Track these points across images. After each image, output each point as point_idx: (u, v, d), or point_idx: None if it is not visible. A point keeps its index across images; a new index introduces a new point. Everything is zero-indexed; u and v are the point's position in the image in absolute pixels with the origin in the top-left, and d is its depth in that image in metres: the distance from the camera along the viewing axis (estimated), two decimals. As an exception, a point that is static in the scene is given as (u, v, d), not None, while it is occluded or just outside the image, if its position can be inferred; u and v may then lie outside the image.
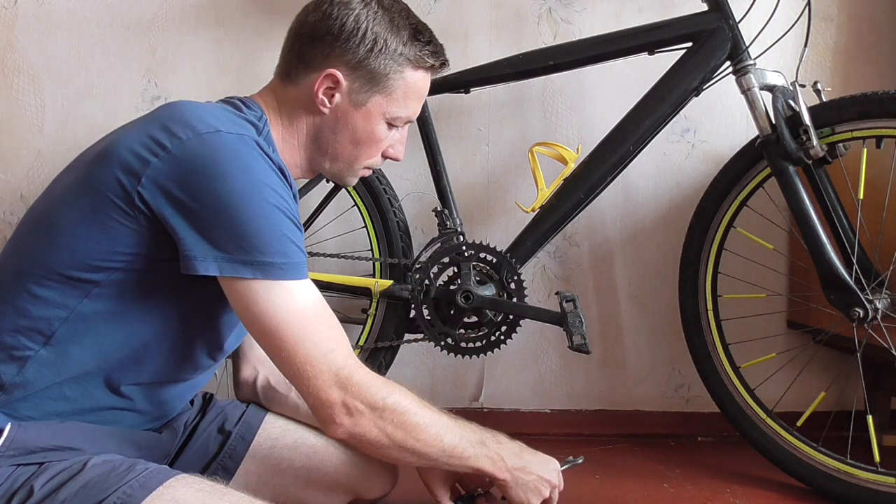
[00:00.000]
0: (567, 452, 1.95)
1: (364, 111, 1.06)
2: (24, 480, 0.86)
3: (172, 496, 0.85)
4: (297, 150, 1.08)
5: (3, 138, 2.00)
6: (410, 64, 1.06)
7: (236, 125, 0.96)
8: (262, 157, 0.93)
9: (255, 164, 0.92)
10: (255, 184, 0.90)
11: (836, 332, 1.73)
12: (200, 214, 0.88)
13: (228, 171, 0.89)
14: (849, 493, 1.59)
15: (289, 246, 0.92)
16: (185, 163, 0.89)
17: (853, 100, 1.56)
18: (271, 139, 1.04)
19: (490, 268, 1.71)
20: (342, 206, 1.93)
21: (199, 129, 0.92)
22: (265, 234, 0.90)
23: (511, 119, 2.05)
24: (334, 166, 1.10)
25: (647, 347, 2.11)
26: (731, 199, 1.74)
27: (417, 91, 1.09)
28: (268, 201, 0.91)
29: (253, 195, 0.90)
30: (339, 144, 1.08)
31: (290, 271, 0.92)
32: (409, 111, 1.09)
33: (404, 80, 1.06)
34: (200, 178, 0.89)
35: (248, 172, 0.90)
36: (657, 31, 1.69)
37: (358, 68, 1.04)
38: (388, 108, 1.07)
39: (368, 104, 1.06)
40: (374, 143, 1.09)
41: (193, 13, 2.00)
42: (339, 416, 0.94)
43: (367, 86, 1.05)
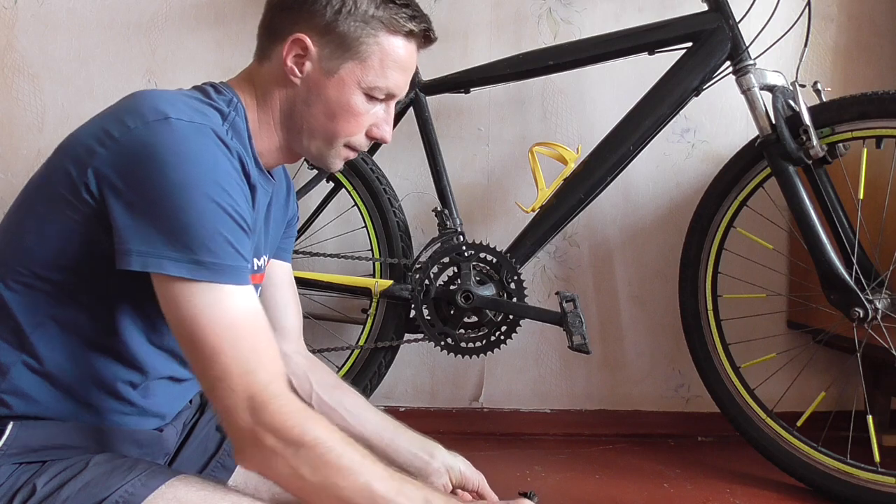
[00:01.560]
0: (567, 452, 1.97)
1: (336, 79, 0.98)
2: (26, 479, 0.86)
3: (174, 495, 0.85)
4: (274, 129, 1.02)
5: (3, 138, 2.00)
6: (385, 28, 0.98)
7: (193, 112, 0.90)
8: (215, 146, 0.87)
9: (202, 154, 0.86)
10: (197, 175, 0.84)
11: (836, 332, 1.73)
12: (135, 205, 0.83)
13: (168, 160, 0.84)
14: (849, 493, 1.59)
15: (223, 246, 0.84)
16: (128, 152, 0.85)
17: (853, 100, 1.56)
18: (239, 126, 0.97)
19: (490, 268, 1.71)
20: (342, 206, 1.93)
21: (148, 117, 0.87)
22: (197, 230, 0.83)
23: (511, 119, 2.05)
24: (312, 144, 1.02)
25: (647, 347, 2.11)
26: (731, 199, 1.74)
27: (397, 60, 0.99)
28: (207, 195, 0.84)
29: (191, 187, 0.83)
30: (313, 118, 1.00)
31: (220, 273, 0.84)
32: (389, 82, 1.00)
33: (379, 45, 0.98)
34: (140, 168, 0.84)
35: (190, 162, 0.84)
36: (657, 31, 1.69)
37: (327, 32, 0.97)
38: (363, 77, 0.98)
39: (341, 71, 0.98)
40: (351, 115, 1.00)
41: (193, 13, 2.00)
42: (247, 446, 0.83)
43: (337, 51, 0.98)
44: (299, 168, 1.91)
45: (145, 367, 0.95)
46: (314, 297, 1.86)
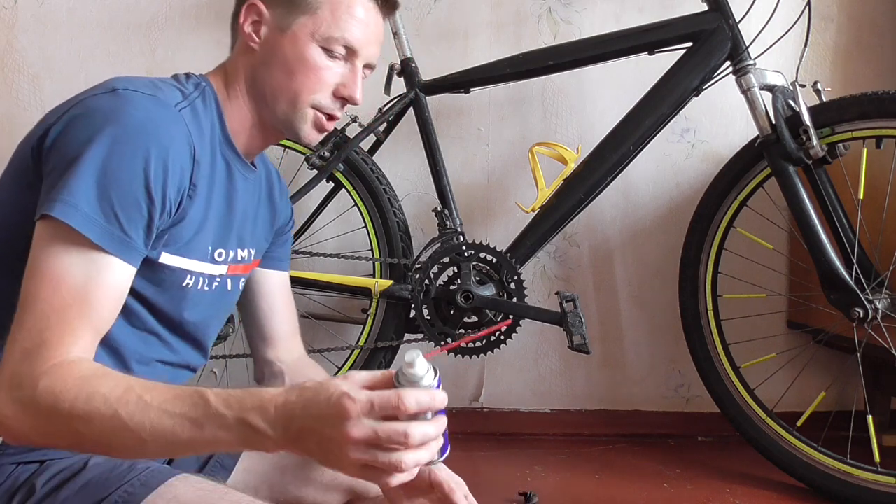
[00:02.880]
0: (567, 452, 1.97)
1: (290, 35, 0.99)
2: (25, 479, 0.86)
3: (174, 495, 0.84)
4: (245, 105, 1.02)
5: (3, 138, 2.00)
6: None
7: (148, 87, 0.91)
8: (154, 111, 0.87)
9: (133, 115, 0.85)
10: (116, 133, 0.84)
11: (836, 332, 1.73)
12: (56, 159, 0.85)
13: (98, 118, 0.85)
14: (849, 493, 1.59)
15: (107, 210, 0.82)
16: (72, 118, 0.88)
17: (853, 100, 1.56)
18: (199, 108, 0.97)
19: (490, 268, 1.71)
20: (342, 206, 1.93)
21: (99, 90, 0.90)
22: (89, 183, 0.82)
23: (511, 119, 2.05)
24: (279, 108, 1.01)
25: (647, 347, 2.11)
26: (731, 199, 1.75)
27: (348, 9, 0.99)
28: (118, 154, 0.83)
29: (104, 144, 0.83)
30: (273, 79, 1.00)
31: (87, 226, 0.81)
32: (344, 32, 0.99)
33: None
34: (74, 128, 0.86)
35: (116, 121, 0.85)
36: (657, 31, 1.69)
37: None
38: (315, 28, 0.98)
39: (293, 27, 0.99)
40: (309, 69, 0.99)
41: (193, 13, 2.00)
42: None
43: (288, 8, 0.99)
44: (299, 168, 1.91)
45: (122, 351, 0.94)
46: (314, 297, 1.86)
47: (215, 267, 1.01)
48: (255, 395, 0.74)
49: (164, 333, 0.99)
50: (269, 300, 1.18)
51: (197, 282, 0.98)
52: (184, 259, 0.95)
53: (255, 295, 1.16)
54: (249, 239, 1.08)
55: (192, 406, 0.74)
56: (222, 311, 1.09)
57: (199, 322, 1.03)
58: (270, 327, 1.18)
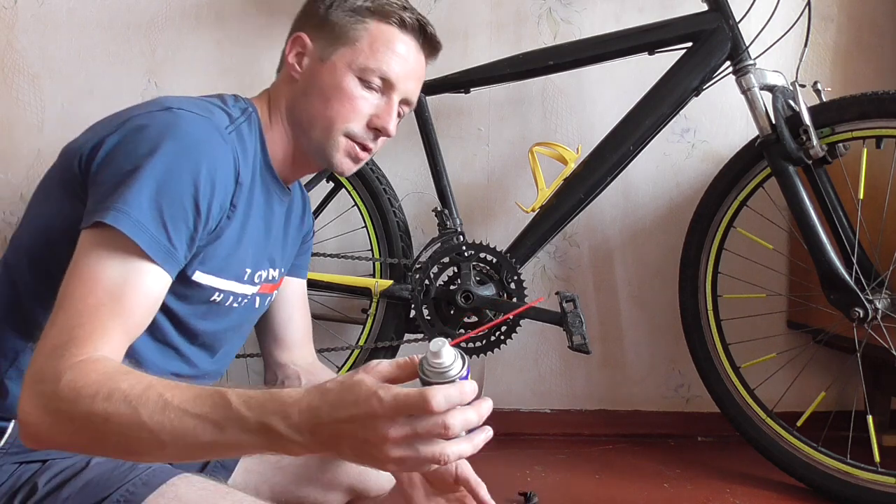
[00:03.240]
0: (567, 452, 1.97)
1: (329, 64, 1.03)
2: (27, 478, 0.86)
3: (175, 494, 0.84)
4: (285, 132, 1.05)
5: (3, 138, 2.00)
6: (373, 15, 1.03)
7: (199, 108, 0.93)
8: (206, 133, 0.90)
9: (188, 135, 0.88)
10: (173, 150, 0.86)
11: (836, 332, 1.74)
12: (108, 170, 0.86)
13: (153, 136, 0.87)
14: (849, 493, 1.59)
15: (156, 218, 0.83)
16: (126, 133, 0.89)
17: (853, 100, 1.56)
18: (245, 133, 0.99)
19: (490, 268, 1.71)
20: (342, 206, 1.93)
21: (152, 108, 0.92)
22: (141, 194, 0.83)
23: (511, 119, 2.05)
24: (314, 136, 1.03)
25: (647, 347, 2.11)
26: (731, 199, 1.75)
27: (387, 43, 1.03)
28: (170, 170, 0.85)
29: (157, 159, 0.85)
30: (311, 106, 1.03)
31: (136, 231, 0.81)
32: (380, 63, 1.02)
33: (368, 31, 1.03)
34: (126, 143, 0.88)
35: (174, 140, 0.86)
36: (657, 31, 1.69)
37: (321, 27, 1.04)
38: (353, 59, 1.02)
39: (333, 57, 1.03)
40: (346, 98, 1.02)
41: (193, 13, 2.00)
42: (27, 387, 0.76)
43: (330, 40, 1.03)
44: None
45: (142, 361, 0.94)
46: (314, 297, 1.85)
47: (250, 287, 1.04)
48: (276, 398, 0.70)
49: (182, 345, 1.00)
50: (286, 307, 1.20)
51: (227, 299, 1.00)
52: (217, 279, 0.97)
53: (274, 301, 1.18)
54: (279, 259, 1.11)
55: (213, 407, 0.71)
56: (246, 324, 1.11)
57: (216, 332, 1.04)
58: (286, 333, 1.19)
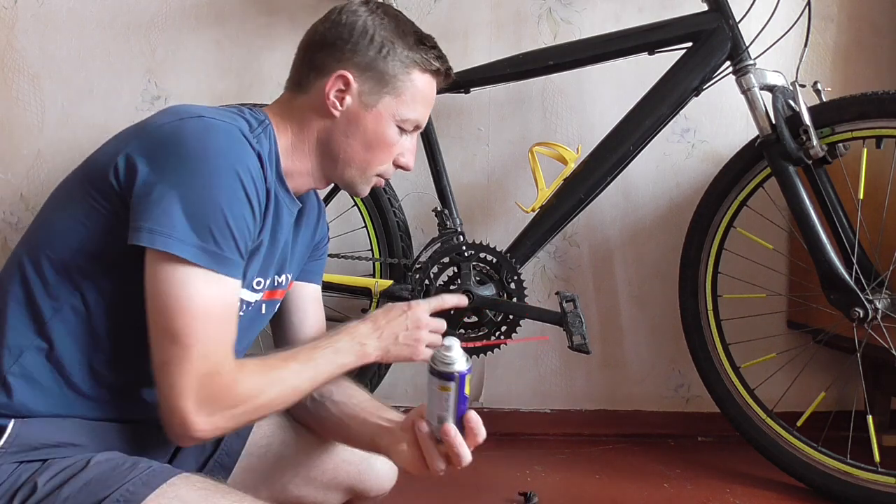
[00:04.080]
0: (567, 452, 1.97)
1: (375, 113, 1.06)
2: (27, 477, 0.86)
3: (175, 494, 0.85)
4: (308, 156, 1.08)
5: (3, 138, 2.00)
6: (418, 66, 1.07)
7: (224, 115, 0.97)
8: (239, 142, 0.93)
9: (226, 147, 0.92)
10: (217, 166, 0.90)
11: (836, 332, 1.74)
12: (154, 186, 0.88)
13: (193, 148, 0.90)
14: (849, 493, 1.59)
15: (228, 239, 0.90)
16: (158, 141, 0.92)
17: (853, 100, 1.56)
18: (264, 143, 1.02)
19: (490, 268, 1.71)
20: (342, 206, 1.93)
21: (182, 115, 0.94)
22: (208, 218, 0.88)
23: (511, 119, 2.05)
24: (347, 173, 1.09)
25: (647, 347, 2.11)
26: (731, 199, 1.75)
27: (425, 95, 1.10)
28: (224, 186, 0.89)
29: (209, 176, 0.89)
30: (350, 148, 1.07)
31: (218, 263, 0.89)
32: (418, 114, 1.10)
33: (412, 82, 1.07)
34: (166, 154, 0.90)
35: (213, 153, 0.90)
36: (657, 31, 1.69)
37: (368, 69, 1.05)
38: (398, 110, 1.07)
39: (379, 105, 1.06)
40: (386, 146, 1.08)
41: (193, 13, 2.01)
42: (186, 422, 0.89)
43: (377, 87, 1.06)
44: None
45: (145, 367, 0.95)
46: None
47: (253, 294, 1.05)
48: (351, 327, 1.13)
49: None
50: (298, 312, 1.21)
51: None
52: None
53: (287, 305, 1.19)
54: (288, 265, 1.13)
55: (327, 351, 1.06)
56: (251, 331, 1.12)
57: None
58: (298, 337, 1.21)
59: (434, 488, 1.69)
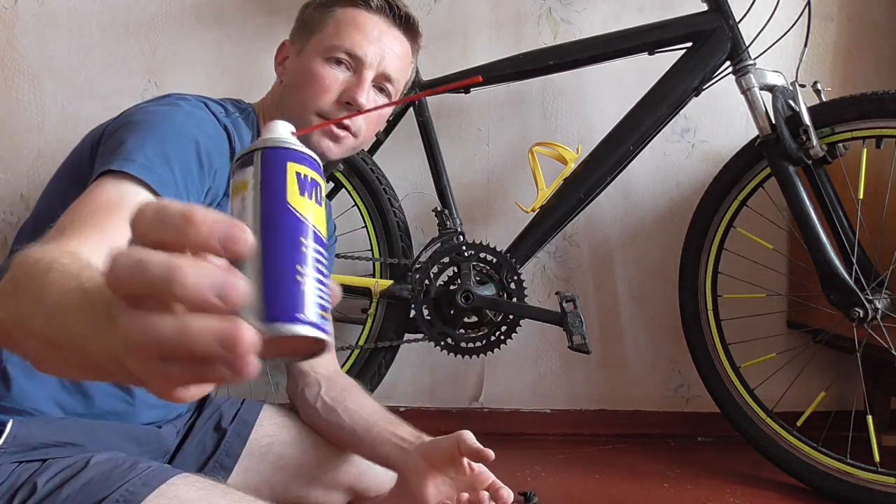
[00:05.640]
0: (567, 452, 1.97)
1: (303, 56, 1.12)
2: (27, 477, 0.86)
3: (175, 494, 0.85)
4: None
5: (3, 138, 2.00)
6: (339, 3, 1.12)
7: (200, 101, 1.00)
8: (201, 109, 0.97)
9: (183, 108, 0.94)
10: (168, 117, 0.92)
11: (836, 332, 1.74)
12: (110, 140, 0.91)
13: (153, 109, 0.94)
14: (849, 493, 1.59)
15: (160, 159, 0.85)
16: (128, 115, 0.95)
17: (853, 100, 1.56)
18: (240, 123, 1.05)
19: (490, 268, 1.71)
20: (342, 206, 1.93)
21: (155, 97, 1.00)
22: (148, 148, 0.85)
23: (511, 119, 2.05)
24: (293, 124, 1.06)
25: (647, 347, 2.11)
26: (731, 199, 1.75)
27: (351, 22, 1.10)
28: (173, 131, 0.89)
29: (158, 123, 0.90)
30: (289, 97, 1.11)
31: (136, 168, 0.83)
32: (344, 41, 1.08)
33: (334, 17, 1.11)
34: (127, 115, 0.94)
35: (169, 109, 0.93)
36: (657, 31, 1.69)
37: (298, 29, 1.15)
38: (321, 43, 1.10)
39: (306, 48, 1.12)
40: (313, 79, 1.08)
41: (193, 13, 2.00)
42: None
43: (304, 36, 1.13)
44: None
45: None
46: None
47: None
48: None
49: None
50: None
51: None
52: None
53: None
54: None
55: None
56: None
57: None
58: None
59: (434, 488, 1.69)
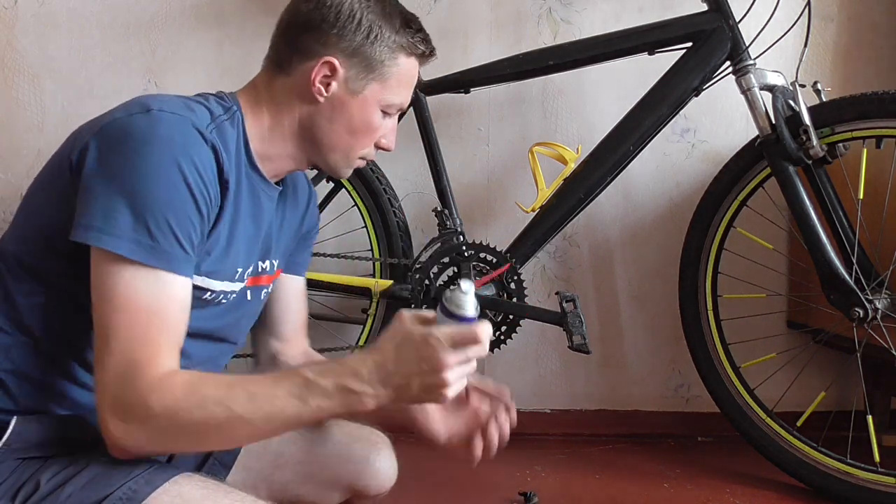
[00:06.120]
0: (567, 452, 1.97)
1: (361, 99, 1.04)
2: (29, 475, 0.86)
3: (178, 492, 0.85)
4: (287, 140, 1.06)
5: (3, 138, 2.00)
6: (404, 51, 1.05)
7: (179, 108, 0.94)
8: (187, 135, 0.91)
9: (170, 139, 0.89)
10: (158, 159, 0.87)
11: (836, 332, 1.73)
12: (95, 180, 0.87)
13: (135, 143, 0.88)
14: (849, 493, 1.59)
15: (166, 233, 0.86)
16: (106, 136, 0.90)
17: (853, 100, 1.56)
18: (227, 130, 0.99)
19: (490, 268, 1.71)
20: (342, 206, 1.93)
21: (133, 110, 0.92)
22: (145, 213, 0.85)
23: (511, 119, 2.05)
24: (331, 157, 1.08)
25: (647, 347, 2.11)
26: (731, 199, 1.75)
27: (410, 79, 1.09)
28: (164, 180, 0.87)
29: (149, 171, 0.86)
30: (334, 134, 1.05)
31: (154, 257, 0.85)
32: (402, 98, 1.08)
33: (398, 66, 1.05)
34: (109, 149, 0.89)
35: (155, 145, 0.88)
36: (657, 31, 1.69)
37: (355, 55, 1.03)
38: (383, 96, 1.05)
39: (365, 91, 1.04)
40: (371, 131, 1.07)
41: (193, 13, 2.01)
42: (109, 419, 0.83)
43: (363, 73, 1.03)
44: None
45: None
46: (314, 297, 1.85)
47: (232, 285, 1.03)
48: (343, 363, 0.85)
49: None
50: (282, 303, 1.19)
51: (216, 297, 1.00)
52: (211, 280, 0.98)
53: (273, 295, 1.17)
54: (273, 251, 1.12)
55: (294, 385, 0.83)
56: (244, 318, 1.11)
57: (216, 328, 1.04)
58: (280, 329, 1.20)
59: (434, 488, 1.69)
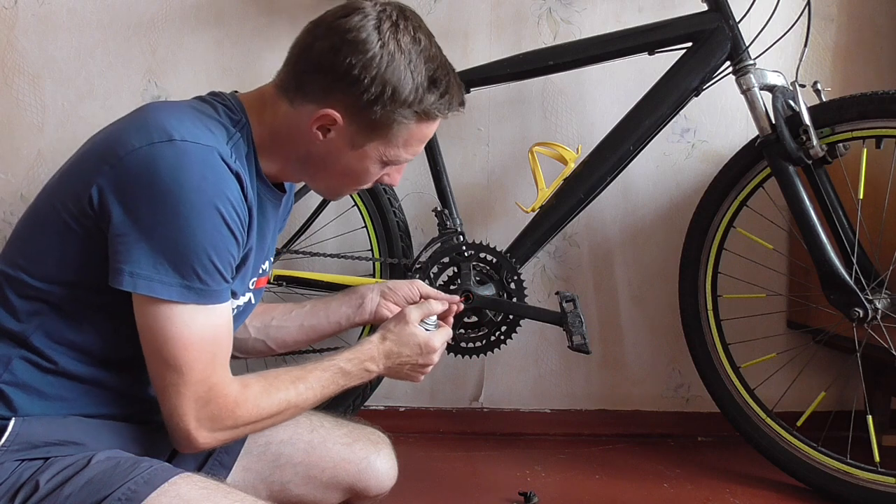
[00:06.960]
0: (567, 452, 1.97)
1: (360, 152, 1.00)
2: (29, 475, 0.87)
3: (177, 493, 0.85)
4: (283, 159, 1.03)
5: (3, 138, 2.00)
6: (417, 116, 0.99)
7: (199, 131, 0.91)
8: (217, 172, 0.89)
9: (203, 180, 0.87)
10: (194, 203, 0.86)
11: (836, 332, 1.73)
12: (132, 226, 0.86)
13: (168, 185, 0.86)
14: (849, 493, 1.60)
15: (212, 273, 0.89)
16: (131, 173, 0.87)
17: (853, 100, 1.56)
18: (241, 146, 0.98)
19: (490, 268, 1.71)
20: (342, 206, 1.93)
21: (154, 137, 0.88)
22: (189, 257, 0.87)
23: (511, 119, 2.05)
24: (320, 188, 1.10)
25: (647, 347, 2.11)
26: (731, 199, 1.75)
27: (422, 138, 1.03)
28: (203, 223, 0.87)
29: (187, 215, 0.86)
30: (327, 174, 1.03)
31: (204, 297, 0.90)
32: (409, 154, 1.04)
33: (409, 130, 1.00)
34: (140, 190, 0.86)
35: (190, 190, 0.86)
36: (657, 31, 1.69)
37: (359, 114, 0.97)
38: (387, 152, 1.01)
39: (366, 147, 1.00)
40: (366, 179, 1.05)
41: (193, 13, 2.01)
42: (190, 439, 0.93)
43: (366, 131, 0.98)
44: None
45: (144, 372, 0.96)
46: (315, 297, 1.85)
47: (248, 294, 1.07)
48: (363, 351, 1.11)
49: None
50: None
51: (236, 310, 1.03)
52: (236, 300, 1.01)
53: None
54: (270, 251, 1.14)
55: (334, 374, 1.06)
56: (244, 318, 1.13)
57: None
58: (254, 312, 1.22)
59: (434, 488, 1.69)
